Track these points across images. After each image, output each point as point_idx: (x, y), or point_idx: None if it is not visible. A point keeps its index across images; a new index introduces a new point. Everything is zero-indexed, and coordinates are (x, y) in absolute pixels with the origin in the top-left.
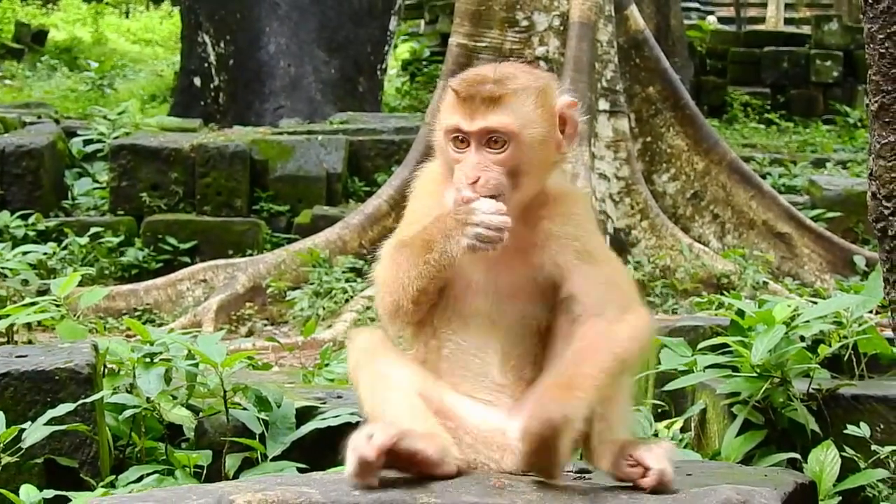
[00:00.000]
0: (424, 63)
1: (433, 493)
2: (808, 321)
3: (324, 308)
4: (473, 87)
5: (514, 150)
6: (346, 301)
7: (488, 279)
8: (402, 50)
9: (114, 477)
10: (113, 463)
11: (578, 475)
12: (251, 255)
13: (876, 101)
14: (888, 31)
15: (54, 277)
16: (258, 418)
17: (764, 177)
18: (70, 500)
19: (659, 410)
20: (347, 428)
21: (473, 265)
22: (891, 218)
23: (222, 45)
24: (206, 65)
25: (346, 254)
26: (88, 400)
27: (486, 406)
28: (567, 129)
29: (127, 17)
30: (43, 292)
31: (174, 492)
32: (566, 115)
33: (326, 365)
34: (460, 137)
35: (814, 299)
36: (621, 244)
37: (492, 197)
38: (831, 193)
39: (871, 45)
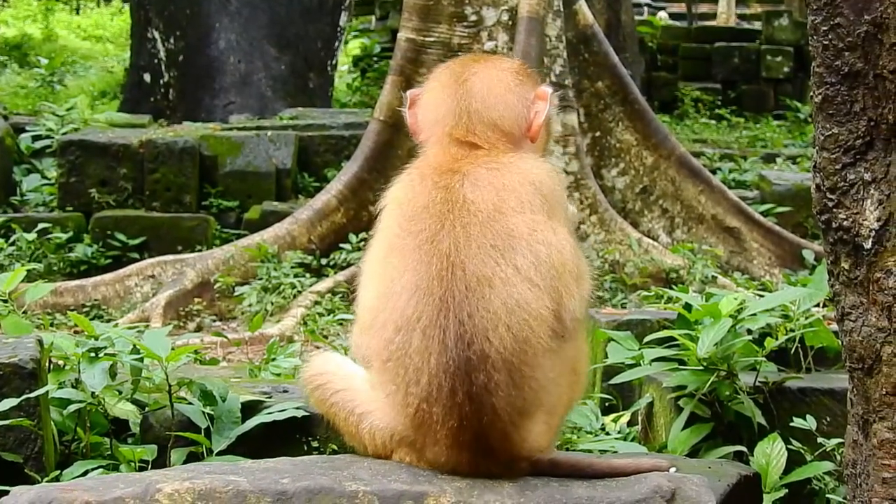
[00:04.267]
0: (375, 59)
1: (362, 481)
2: (754, 314)
3: (272, 303)
4: None
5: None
6: (295, 296)
7: None
8: (353, 46)
9: (59, 472)
10: (58, 458)
11: None
12: (200, 250)
13: (820, 94)
14: (831, 23)
15: (1, 273)
16: (203, 413)
17: (714, 172)
18: None
19: (606, 404)
20: (293, 422)
21: None
22: (835, 210)
23: (172, 41)
24: (155, 61)
25: (294, 249)
26: (33, 395)
27: None
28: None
29: (77, 13)
30: None
31: (102, 481)
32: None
33: (273, 360)
34: None
35: (761, 292)
36: None
37: None
38: (781, 188)
39: (815, 37)
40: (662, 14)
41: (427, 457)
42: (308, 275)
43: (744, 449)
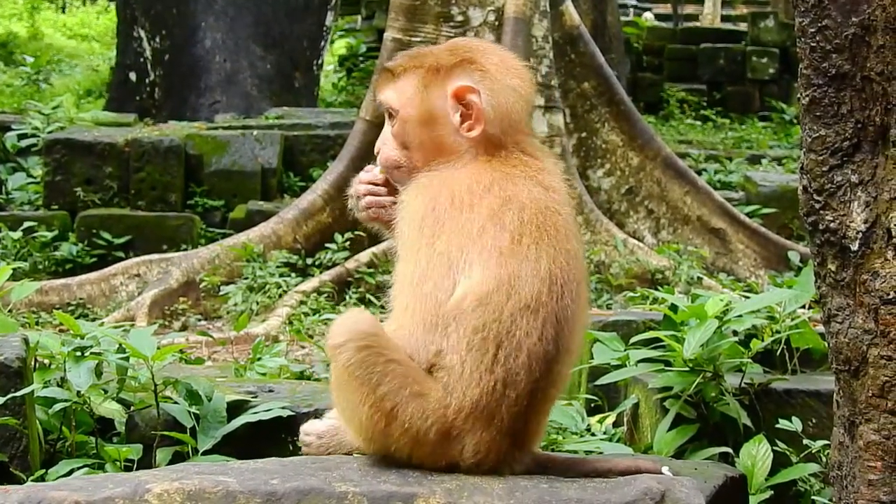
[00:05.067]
0: (361, 59)
1: (351, 482)
2: (740, 315)
3: (257, 303)
4: (388, 62)
5: (399, 125)
6: (280, 296)
7: None
8: (339, 45)
9: (44, 471)
10: (43, 457)
11: None
12: (185, 249)
13: (807, 95)
14: (819, 24)
15: None
16: (189, 412)
17: (700, 173)
18: None
19: (592, 405)
20: (278, 421)
21: None
22: (822, 212)
23: (158, 40)
24: (141, 60)
25: (280, 248)
26: (18, 394)
27: None
28: (469, 113)
29: (63, 12)
30: None
31: (91, 480)
32: (465, 99)
33: (259, 359)
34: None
35: (747, 294)
36: None
37: (395, 168)
38: (766, 189)
39: (803, 39)
40: (648, 15)
41: (465, 447)
42: (293, 274)
43: (729, 450)
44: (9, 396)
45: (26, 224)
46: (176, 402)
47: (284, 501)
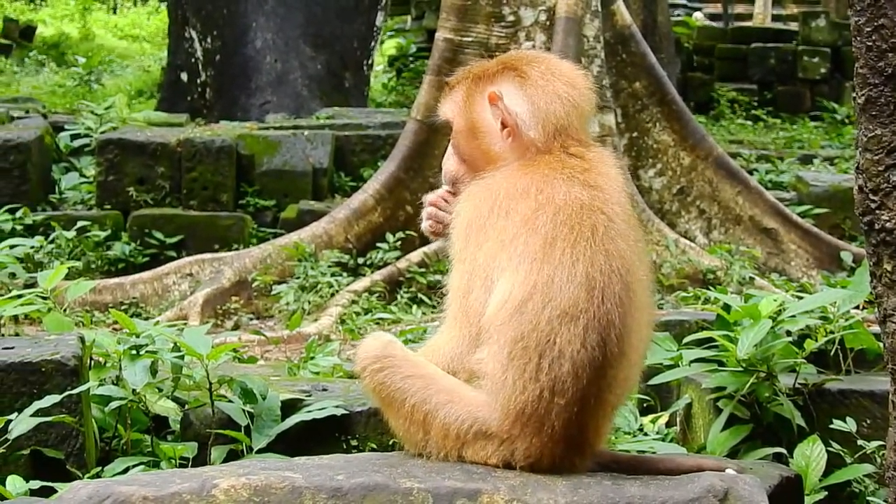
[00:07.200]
0: (410, 59)
1: (416, 478)
2: (794, 316)
3: (309, 302)
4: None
5: (454, 137)
6: (332, 295)
7: None
8: (389, 46)
9: (99, 468)
10: (98, 455)
11: None
12: (237, 249)
13: (863, 95)
14: (875, 24)
15: (42, 271)
16: (243, 410)
17: (751, 173)
18: (56, 492)
19: (644, 405)
20: (332, 420)
21: None
22: (878, 211)
23: (209, 40)
24: (192, 60)
25: (331, 248)
26: (75, 392)
27: None
28: (505, 121)
29: (114, 13)
30: (30, 286)
31: (159, 476)
32: (497, 106)
33: (312, 358)
34: None
35: (800, 294)
36: None
37: (455, 181)
38: (818, 189)
39: (859, 39)
40: (698, 14)
41: (516, 450)
42: (345, 274)
43: (783, 451)
44: (65, 394)
45: (79, 224)
46: (230, 401)
47: (350, 497)
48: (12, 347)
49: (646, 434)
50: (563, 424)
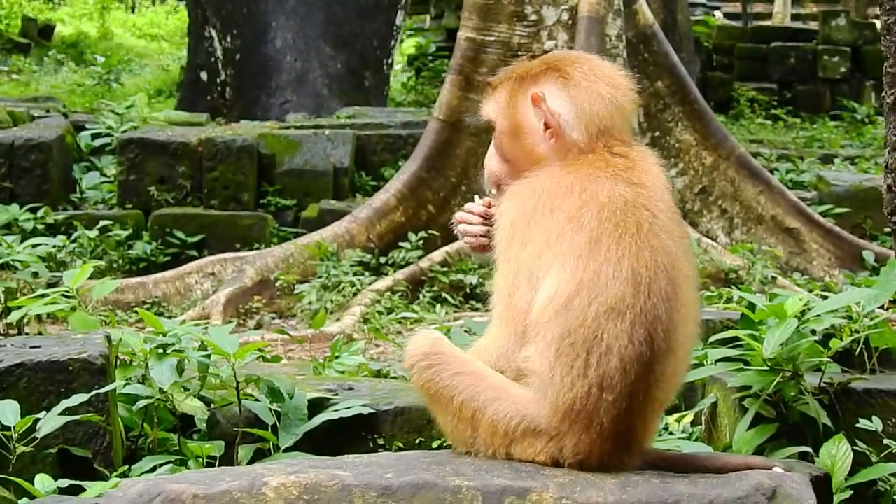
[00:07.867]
0: (430, 58)
1: (465, 476)
2: (819, 315)
3: (332, 301)
4: (491, 77)
5: (497, 138)
6: (354, 294)
7: None
8: (408, 45)
9: (126, 467)
10: (125, 453)
11: None
12: (258, 248)
13: (892, 94)
14: None
15: (64, 270)
16: (270, 409)
17: (772, 172)
18: (84, 490)
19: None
20: (358, 419)
21: None
22: None
23: (229, 39)
24: (212, 59)
25: (353, 247)
26: (102, 391)
27: None
28: (548, 122)
29: (133, 12)
30: (52, 285)
31: (207, 473)
32: (540, 108)
33: (337, 357)
34: None
35: (825, 293)
36: None
37: (498, 182)
38: (839, 189)
39: (887, 38)
40: (718, 14)
41: (564, 447)
42: (367, 273)
43: (809, 450)
44: (93, 393)
45: (101, 223)
46: (257, 400)
47: (399, 495)
48: (39, 346)
49: (671, 433)
50: (612, 421)
